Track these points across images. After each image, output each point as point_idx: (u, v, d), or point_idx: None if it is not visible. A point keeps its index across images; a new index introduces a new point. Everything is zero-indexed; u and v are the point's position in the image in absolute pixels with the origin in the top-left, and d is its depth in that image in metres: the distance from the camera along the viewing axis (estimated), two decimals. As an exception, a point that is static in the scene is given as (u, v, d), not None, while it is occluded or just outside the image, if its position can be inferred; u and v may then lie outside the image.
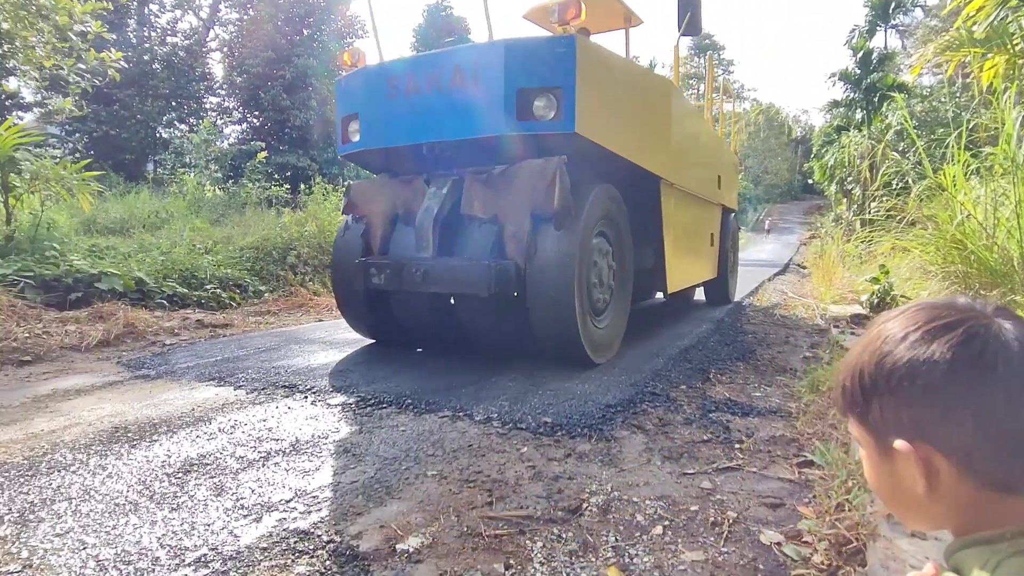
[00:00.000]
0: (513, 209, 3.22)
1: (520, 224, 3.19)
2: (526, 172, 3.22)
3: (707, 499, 1.82)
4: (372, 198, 3.84)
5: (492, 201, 3.30)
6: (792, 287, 9.32)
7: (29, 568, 1.41)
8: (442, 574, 1.39)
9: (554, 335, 3.26)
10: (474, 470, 1.99)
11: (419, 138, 3.44)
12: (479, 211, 3.34)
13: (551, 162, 3.13)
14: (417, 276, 3.20)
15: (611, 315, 3.68)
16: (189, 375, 3.30)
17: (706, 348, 4.20)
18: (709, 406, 2.79)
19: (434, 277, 3.18)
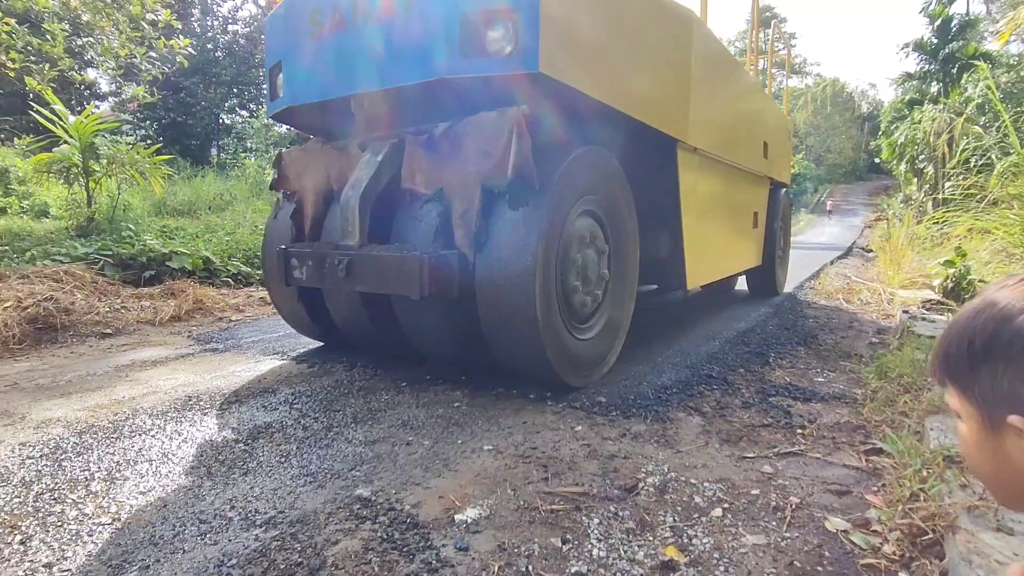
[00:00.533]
0: (460, 181, 2.41)
1: (469, 201, 2.36)
2: (475, 130, 2.38)
3: (768, 483, 1.77)
4: (304, 170, 3.05)
5: (436, 171, 2.49)
6: (856, 271, 8.89)
7: (118, 521, 1.52)
8: (500, 545, 1.41)
9: (510, 351, 2.44)
10: (529, 446, 2.00)
11: (345, 89, 2.63)
12: (421, 185, 2.53)
13: (506, 115, 2.29)
14: (340, 270, 2.45)
15: (603, 322, 2.83)
16: (254, 349, 3.45)
17: (764, 332, 4.07)
18: (768, 390, 2.70)
19: (358, 272, 2.43)
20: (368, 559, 1.35)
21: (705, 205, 3.76)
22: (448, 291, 2.32)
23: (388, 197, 2.64)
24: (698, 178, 3.58)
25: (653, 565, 1.35)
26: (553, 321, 2.38)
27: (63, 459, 1.90)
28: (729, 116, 4.14)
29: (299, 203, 3.04)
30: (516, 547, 1.40)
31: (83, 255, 5.02)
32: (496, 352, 2.48)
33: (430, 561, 1.34)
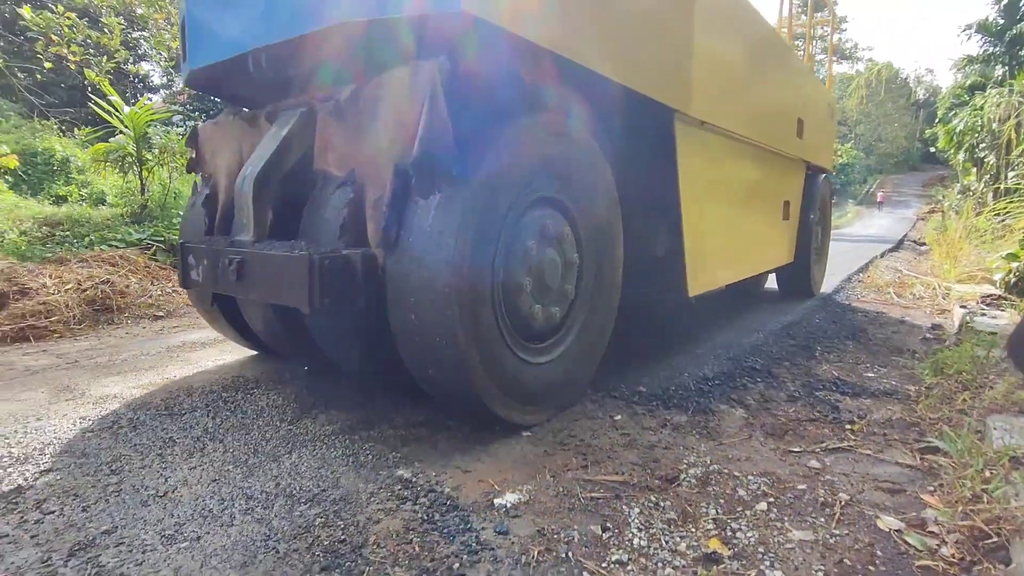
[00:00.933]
0: (373, 160, 1.90)
1: (382, 186, 1.85)
2: (387, 94, 1.86)
3: (815, 479, 1.72)
4: (218, 148, 2.53)
5: (349, 147, 1.99)
6: (907, 265, 8.52)
7: (172, 492, 1.58)
8: (539, 530, 1.40)
9: (426, 375, 1.89)
10: (567, 434, 1.99)
11: (241, 45, 2.15)
12: (334, 164, 2.03)
13: (420, 72, 1.74)
14: (231, 272, 1.99)
15: (570, 340, 2.24)
16: (297, 333, 3.53)
17: (810, 325, 3.94)
18: (815, 384, 2.62)
19: (249, 275, 1.95)
20: (409, 539, 1.36)
21: (715, 192, 3.10)
22: (348, 301, 1.81)
23: (302, 180, 2.12)
24: (705, 159, 2.93)
25: (696, 557, 1.32)
26: (484, 339, 1.83)
27: (119, 433, 1.98)
28: (750, 85, 3.37)
29: (212, 187, 2.52)
30: (556, 533, 1.39)
31: (137, 240, 5.22)
32: (414, 375, 1.93)
33: (470, 543, 1.34)
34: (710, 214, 3.05)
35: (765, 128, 3.62)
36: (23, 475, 1.67)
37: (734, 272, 3.54)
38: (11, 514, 1.47)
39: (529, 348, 2.07)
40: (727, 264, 3.41)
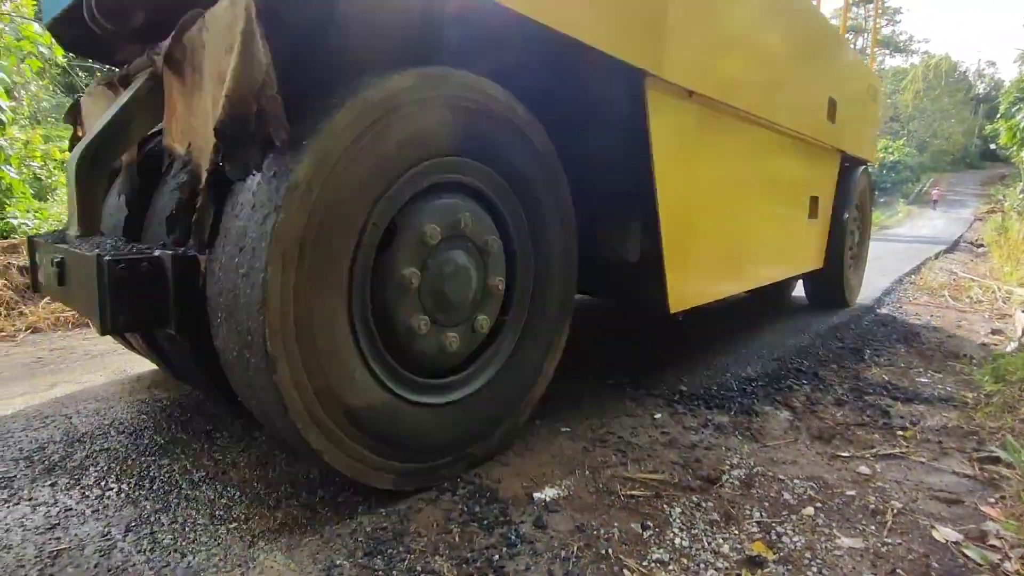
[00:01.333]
0: (202, 128, 1.44)
1: (204, 166, 1.42)
2: (211, 37, 1.38)
3: (865, 485, 1.66)
4: (91, 120, 2.11)
5: (186, 113, 1.53)
6: (964, 267, 8.14)
7: (221, 475, 1.63)
8: (579, 526, 1.40)
9: (252, 407, 1.42)
10: (606, 430, 1.97)
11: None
12: (176, 138, 1.58)
13: (236, 6, 1.27)
14: (53, 274, 1.57)
15: (492, 373, 1.71)
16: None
17: (859, 327, 3.81)
18: (864, 388, 2.53)
19: (67, 279, 1.54)
20: (449, 529, 1.37)
21: (707, 182, 2.40)
22: (152, 319, 1.37)
23: (156, 159, 1.70)
24: (692, 139, 2.23)
25: (739, 559, 1.29)
26: (327, 371, 1.33)
27: (173, 416, 2.06)
28: (760, 50, 2.65)
29: None
30: (595, 529, 1.38)
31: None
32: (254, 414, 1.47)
33: (509, 536, 1.35)
34: (700, 209, 2.36)
35: (782, 106, 2.86)
36: (86, 452, 1.76)
37: (737, 282, 2.90)
38: (74, 489, 1.54)
39: (419, 386, 1.54)
40: (726, 271, 2.72)
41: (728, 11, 2.37)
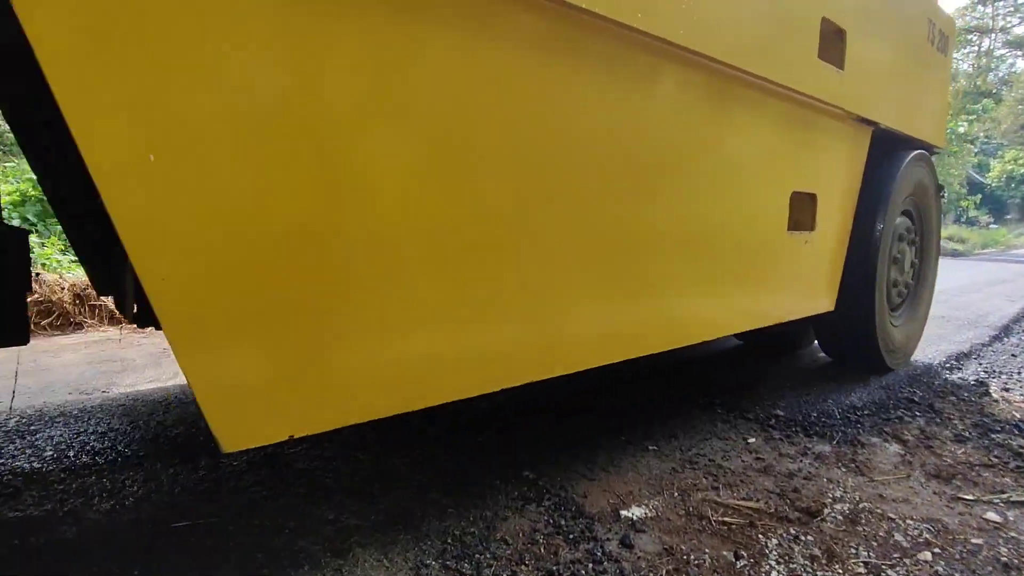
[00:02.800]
0: None
1: None
2: None
3: (995, 534, 1.49)
4: None
5: None
6: (1113, 293, 7.17)
7: (316, 470, 1.72)
8: (667, 548, 1.36)
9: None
10: (696, 452, 1.90)
11: None
12: None
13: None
14: None
15: None
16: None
17: (982, 357, 3.45)
18: (991, 425, 2.28)
19: None
20: (535, 539, 1.38)
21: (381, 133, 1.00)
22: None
23: None
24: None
25: (845, 601, 1.20)
26: None
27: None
28: None
29: None
30: (685, 554, 1.34)
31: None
32: None
33: (595, 552, 1.33)
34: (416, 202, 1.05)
35: (695, 20, 1.46)
36: (201, 436, 1.92)
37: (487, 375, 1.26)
38: (194, 472, 1.69)
39: None
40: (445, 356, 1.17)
41: None
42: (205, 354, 0.86)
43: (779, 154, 2.03)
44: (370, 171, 1.02)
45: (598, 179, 1.40)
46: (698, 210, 1.72)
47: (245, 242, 0.88)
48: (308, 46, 0.91)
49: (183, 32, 0.79)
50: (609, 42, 1.35)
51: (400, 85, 1.02)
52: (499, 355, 1.27)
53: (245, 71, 0.85)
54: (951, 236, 19.54)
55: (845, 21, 2.10)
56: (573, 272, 1.39)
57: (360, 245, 1.01)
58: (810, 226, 2.24)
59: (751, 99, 1.82)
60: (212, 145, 0.83)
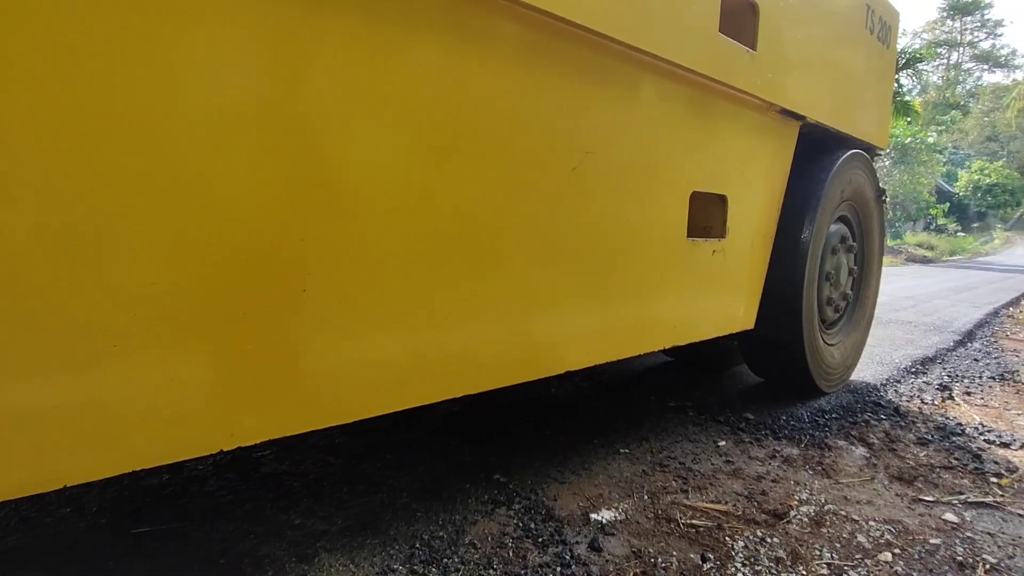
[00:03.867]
0: None
1: None
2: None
3: (952, 534, 1.53)
4: None
5: None
6: (1072, 301, 7.42)
7: (284, 478, 1.70)
8: (635, 551, 1.36)
9: None
10: (667, 455, 1.92)
11: None
12: None
13: None
14: None
15: None
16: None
17: (946, 361, 3.54)
18: (952, 428, 2.34)
19: None
20: (504, 543, 1.37)
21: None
22: None
23: None
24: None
25: (807, 602, 1.22)
26: None
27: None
28: None
29: None
30: (653, 557, 1.35)
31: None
32: None
33: (563, 556, 1.33)
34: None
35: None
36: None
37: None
38: (156, 477, 1.65)
39: None
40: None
41: None
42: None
43: (672, 147, 1.69)
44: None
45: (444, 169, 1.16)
46: (562, 212, 1.39)
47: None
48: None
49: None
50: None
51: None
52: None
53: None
54: (921, 243, 20.07)
55: (770, 10, 1.86)
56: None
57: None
58: (720, 233, 1.93)
59: (631, 78, 1.50)
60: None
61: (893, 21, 2.83)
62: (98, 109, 0.77)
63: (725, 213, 1.93)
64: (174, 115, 0.83)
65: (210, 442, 0.93)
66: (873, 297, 3.06)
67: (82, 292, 0.78)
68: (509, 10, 1.18)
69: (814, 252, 2.32)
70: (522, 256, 1.33)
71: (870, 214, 2.86)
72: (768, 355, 2.50)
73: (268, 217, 0.94)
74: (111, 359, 0.81)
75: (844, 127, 2.44)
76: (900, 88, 16.55)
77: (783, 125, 2.16)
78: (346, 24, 0.98)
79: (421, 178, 1.12)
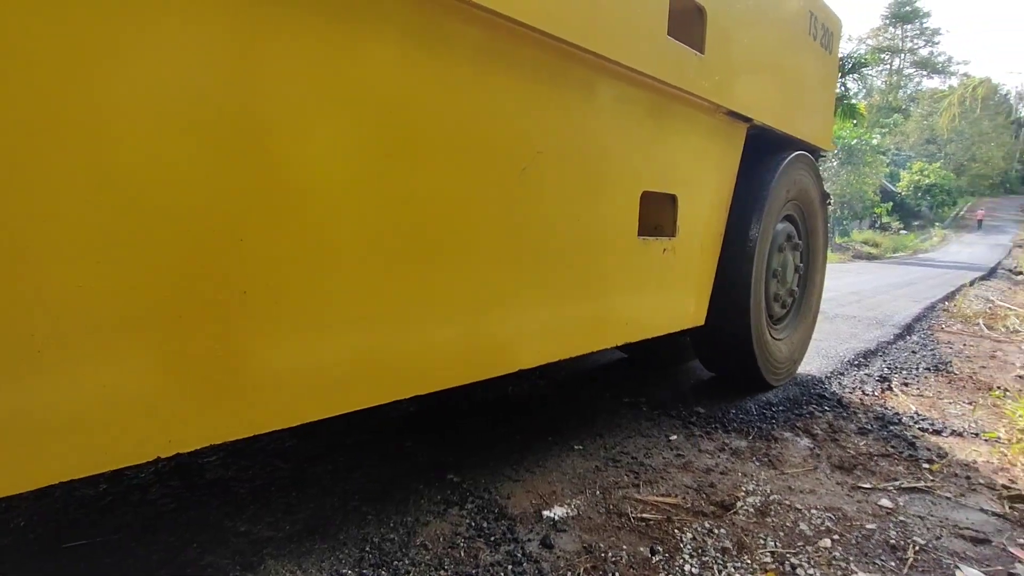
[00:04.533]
0: None
1: None
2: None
3: (887, 519, 1.60)
4: None
5: None
6: (1001, 295, 7.88)
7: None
8: (586, 547, 1.38)
9: None
10: (620, 450, 1.95)
11: None
12: None
13: None
14: None
15: None
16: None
17: (887, 354, 3.71)
18: (890, 417, 2.45)
19: None
20: (455, 543, 1.37)
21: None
22: None
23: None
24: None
25: (750, 590, 1.26)
26: None
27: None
28: None
29: None
30: (603, 552, 1.36)
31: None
32: None
33: (515, 554, 1.33)
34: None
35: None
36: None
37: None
38: (93, 487, 1.57)
39: None
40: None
41: None
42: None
43: (623, 147, 1.71)
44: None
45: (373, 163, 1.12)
46: (514, 211, 1.40)
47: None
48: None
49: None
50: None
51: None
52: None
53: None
54: (867, 240, 20.96)
55: (719, 15, 1.91)
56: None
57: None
58: (670, 232, 1.98)
59: (582, 80, 1.52)
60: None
61: (835, 28, 2.93)
62: (19, 103, 0.73)
63: (675, 212, 1.98)
64: (106, 110, 0.79)
65: (146, 449, 0.89)
66: (818, 293, 3.17)
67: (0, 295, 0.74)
68: (462, 11, 1.18)
69: (761, 250, 2.39)
70: (474, 254, 1.32)
71: (815, 213, 2.96)
72: (718, 350, 2.56)
73: (206, 217, 0.90)
74: (35, 366, 0.78)
75: (789, 129, 2.53)
76: (847, 91, 17.23)
77: (731, 127, 2.22)
78: (290, 21, 0.96)
79: (366, 177, 1.11)
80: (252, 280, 0.96)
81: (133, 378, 0.86)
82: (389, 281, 1.16)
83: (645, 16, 1.61)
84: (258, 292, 0.97)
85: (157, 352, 0.88)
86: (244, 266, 0.95)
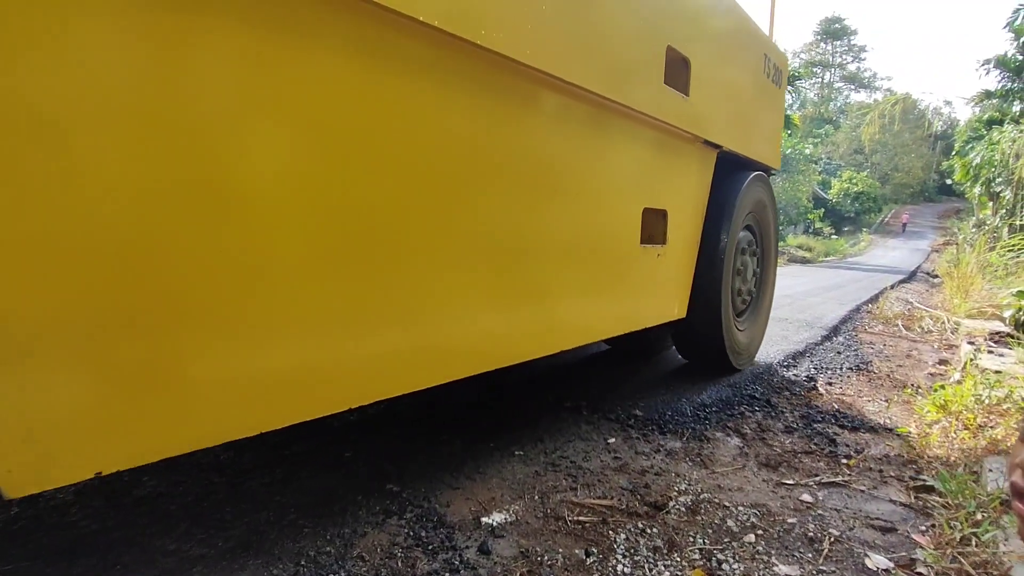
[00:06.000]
0: None
1: None
2: None
3: (806, 513, 1.71)
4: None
5: None
6: (919, 297, 8.45)
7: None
8: (523, 552, 1.41)
9: None
10: (560, 455, 1.99)
11: None
12: None
13: None
14: None
15: None
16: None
17: (814, 355, 3.92)
18: (814, 416, 2.60)
19: None
20: (393, 553, 1.37)
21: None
22: None
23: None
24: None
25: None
26: None
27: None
28: None
29: None
30: (539, 556, 1.39)
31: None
32: None
33: (452, 562, 1.35)
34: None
35: (538, 40, 1.50)
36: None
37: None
38: (4, 511, 1.49)
39: None
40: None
41: None
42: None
43: (631, 173, 2.15)
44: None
45: (470, 189, 1.44)
46: (552, 223, 1.74)
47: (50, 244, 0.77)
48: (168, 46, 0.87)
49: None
50: (474, 63, 1.39)
51: (250, 89, 0.98)
52: (369, 366, 1.25)
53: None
54: (800, 245, 21.98)
55: (689, 50, 2.24)
56: (442, 280, 1.38)
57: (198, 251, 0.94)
58: (662, 240, 2.38)
59: (605, 122, 1.92)
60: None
61: (784, 65, 3.49)
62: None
63: (666, 224, 2.39)
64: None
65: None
66: (771, 291, 3.71)
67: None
68: (531, 75, 1.56)
69: (729, 253, 2.85)
70: (538, 260, 1.72)
71: (768, 223, 3.49)
72: (695, 339, 2.99)
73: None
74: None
75: (749, 153, 3.01)
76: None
77: (706, 153, 2.67)
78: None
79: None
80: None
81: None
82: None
83: (650, 72, 2.05)
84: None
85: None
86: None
